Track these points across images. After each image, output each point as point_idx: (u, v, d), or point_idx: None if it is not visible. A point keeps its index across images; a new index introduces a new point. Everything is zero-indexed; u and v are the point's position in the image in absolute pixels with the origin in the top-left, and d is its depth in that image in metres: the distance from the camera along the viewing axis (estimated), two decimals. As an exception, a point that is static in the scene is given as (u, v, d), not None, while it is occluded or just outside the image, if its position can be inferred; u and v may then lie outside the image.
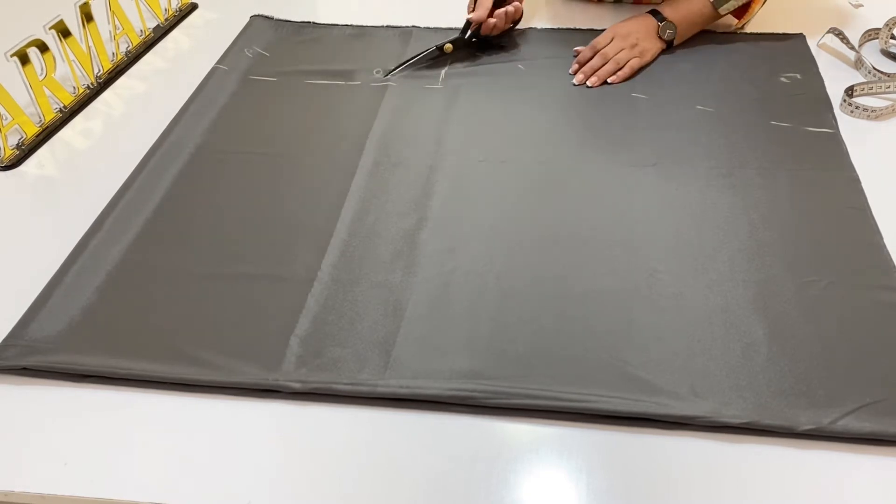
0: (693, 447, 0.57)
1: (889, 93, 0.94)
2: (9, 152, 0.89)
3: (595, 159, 0.85)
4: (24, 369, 0.63)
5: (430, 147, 0.88)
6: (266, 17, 1.16)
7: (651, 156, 0.85)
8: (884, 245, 0.72)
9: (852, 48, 1.02)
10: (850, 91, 0.93)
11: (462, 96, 0.97)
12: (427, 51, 1.03)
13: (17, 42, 0.87)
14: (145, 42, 1.11)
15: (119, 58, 1.06)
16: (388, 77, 1.01)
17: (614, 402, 0.58)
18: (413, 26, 1.12)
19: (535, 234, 0.75)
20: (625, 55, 0.99)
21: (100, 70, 1.02)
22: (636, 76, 0.99)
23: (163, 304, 0.69)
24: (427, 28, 1.11)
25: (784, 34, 1.07)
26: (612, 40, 1.01)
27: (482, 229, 0.76)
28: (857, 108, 0.91)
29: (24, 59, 0.88)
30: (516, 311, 0.67)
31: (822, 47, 1.05)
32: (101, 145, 0.92)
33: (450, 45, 1.03)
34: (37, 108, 0.92)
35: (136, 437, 0.59)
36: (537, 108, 0.94)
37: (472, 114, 0.93)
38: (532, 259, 0.72)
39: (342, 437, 0.58)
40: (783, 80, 0.97)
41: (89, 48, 1.00)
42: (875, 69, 0.97)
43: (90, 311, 0.68)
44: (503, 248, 0.73)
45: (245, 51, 1.08)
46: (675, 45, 1.04)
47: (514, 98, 0.96)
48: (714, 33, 1.07)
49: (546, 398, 0.59)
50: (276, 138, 0.90)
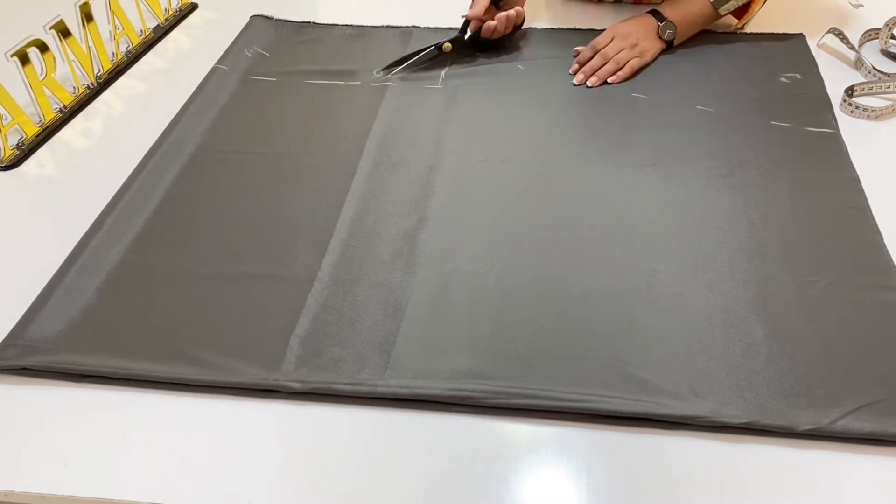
0: (693, 447, 0.57)
1: (889, 93, 0.94)
2: (9, 152, 0.89)
3: (595, 159, 0.85)
4: (24, 369, 0.63)
5: (430, 147, 0.88)
6: (266, 17, 1.16)
7: (651, 156, 0.85)
8: (884, 245, 0.72)
9: (852, 48, 1.02)
10: (850, 91, 0.93)
11: (462, 96, 0.97)
12: (426, 49, 1.03)
13: (17, 42, 0.87)
14: (145, 42, 1.11)
15: (119, 58, 1.06)
16: (388, 76, 1.01)
17: (614, 402, 0.58)
18: (413, 26, 1.12)
19: (535, 234, 0.75)
20: (625, 55, 0.99)
21: (100, 70, 1.02)
22: (636, 76, 0.99)
23: (163, 304, 0.69)
24: (427, 28, 1.11)
25: (784, 34, 1.07)
26: (612, 40, 1.01)
27: (482, 229, 0.76)
28: (857, 108, 0.90)
29: (24, 59, 0.88)
30: (516, 311, 0.67)
31: (822, 47, 1.05)
32: (101, 145, 0.92)
33: (449, 45, 1.03)
34: (37, 108, 0.92)
35: (136, 437, 0.59)
36: (537, 108, 0.94)
37: (472, 114, 0.93)
38: (532, 259, 0.72)
39: (342, 437, 0.58)
40: (783, 80, 0.97)
41: (89, 48, 1.00)
42: (875, 69, 0.97)
43: (90, 311, 0.68)
44: (503, 248, 0.73)
45: (245, 51, 1.08)
46: (675, 46, 1.04)
47: (514, 98, 0.96)
48: (714, 33, 1.07)
49: (546, 398, 0.59)
50: (276, 138, 0.90)
